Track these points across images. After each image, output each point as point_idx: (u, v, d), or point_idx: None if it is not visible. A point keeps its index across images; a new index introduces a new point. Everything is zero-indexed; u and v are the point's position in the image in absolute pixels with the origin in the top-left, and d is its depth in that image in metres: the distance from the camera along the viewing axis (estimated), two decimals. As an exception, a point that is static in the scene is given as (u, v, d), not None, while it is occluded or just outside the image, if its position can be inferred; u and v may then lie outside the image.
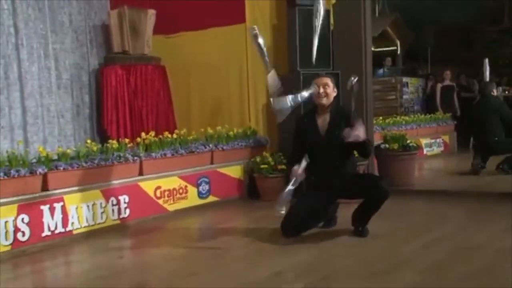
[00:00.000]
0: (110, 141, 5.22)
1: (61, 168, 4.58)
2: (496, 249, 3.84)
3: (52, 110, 6.21)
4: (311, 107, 4.47)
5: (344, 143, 4.10)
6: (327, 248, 4.05)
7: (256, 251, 4.08)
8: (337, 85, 4.53)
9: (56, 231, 4.46)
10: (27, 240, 4.27)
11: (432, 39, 13.95)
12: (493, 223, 4.60)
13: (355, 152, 4.41)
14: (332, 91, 4.32)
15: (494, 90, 7.52)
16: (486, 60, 8.12)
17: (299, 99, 4.14)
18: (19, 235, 4.22)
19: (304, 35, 6.10)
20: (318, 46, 4.61)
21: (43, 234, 4.38)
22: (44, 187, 4.48)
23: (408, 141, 6.56)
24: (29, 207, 4.31)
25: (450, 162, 8.64)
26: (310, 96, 4.24)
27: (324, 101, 4.29)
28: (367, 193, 4.18)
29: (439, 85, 10.94)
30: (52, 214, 4.44)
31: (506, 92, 11.83)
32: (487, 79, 8.11)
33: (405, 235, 4.27)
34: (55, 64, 6.28)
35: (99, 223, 4.77)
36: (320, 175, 4.26)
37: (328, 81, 4.33)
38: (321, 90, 4.26)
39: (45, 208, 4.40)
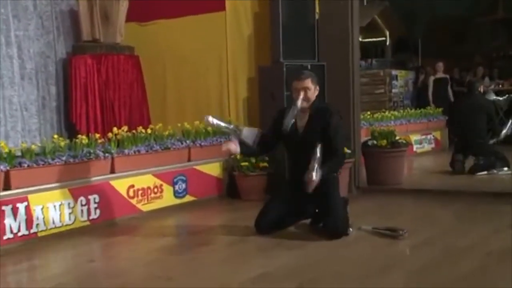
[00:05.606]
0: (79, 136, 5.18)
1: (25, 165, 4.52)
2: (487, 251, 3.89)
3: (15, 102, 6.13)
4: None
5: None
6: (311, 249, 4.08)
7: (237, 253, 4.10)
8: (322, 77, 4.53)
9: (19, 234, 4.40)
10: (-12, 243, 4.22)
11: (423, 30, 14.06)
12: (483, 224, 4.67)
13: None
14: (313, 94, 4.36)
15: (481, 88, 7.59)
16: None
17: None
18: (-22, 238, 4.18)
19: (288, 25, 6.14)
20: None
21: (5, 237, 4.32)
22: (6, 186, 4.41)
23: (397, 138, 6.61)
24: (-10, 208, 4.25)
25: (441, 159, 8.70)
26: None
27: (304, 104, 4.34)
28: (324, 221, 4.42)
29: (431, 78, 10.95)
30: (15, 215, 4.38)
31: (500, 86, 11.95)
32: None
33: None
34: (18, 52, 6.20)
35: (67, 225, 4.73)
36: (297, 174, 4.28)
37: (309, 83, 4.33)
38: (301, 95, 4.28)
39: (7, 209, 4.34)
